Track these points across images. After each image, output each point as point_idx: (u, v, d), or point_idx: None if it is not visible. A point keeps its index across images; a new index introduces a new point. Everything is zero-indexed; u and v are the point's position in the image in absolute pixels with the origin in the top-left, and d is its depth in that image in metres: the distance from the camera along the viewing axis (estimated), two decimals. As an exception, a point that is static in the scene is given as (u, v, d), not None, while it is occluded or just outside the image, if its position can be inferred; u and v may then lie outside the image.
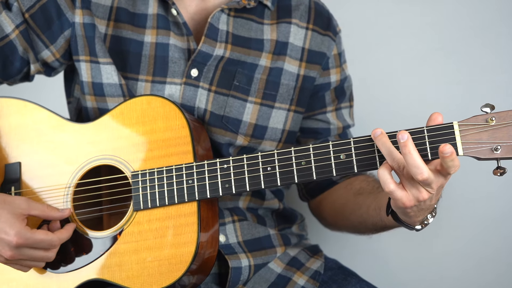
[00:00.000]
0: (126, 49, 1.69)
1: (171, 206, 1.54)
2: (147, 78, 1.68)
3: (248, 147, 1.73)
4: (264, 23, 1.75)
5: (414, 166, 1.33)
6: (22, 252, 1.50)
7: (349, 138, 1.79)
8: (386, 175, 1.37)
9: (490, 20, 2.11)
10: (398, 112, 2.15)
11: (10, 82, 1.76)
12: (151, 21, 1.70)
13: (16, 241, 1.48)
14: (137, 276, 1.53)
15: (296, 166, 1.47)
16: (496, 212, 2.09)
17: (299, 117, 1.79)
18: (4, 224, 1.48)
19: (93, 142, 1.62)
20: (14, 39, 1.69)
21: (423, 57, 2.15)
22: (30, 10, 1.69)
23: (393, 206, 1.44)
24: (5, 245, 1.48)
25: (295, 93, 1.75)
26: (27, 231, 1.49)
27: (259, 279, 1.67)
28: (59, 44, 1.71)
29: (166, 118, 1.57)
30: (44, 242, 1.51)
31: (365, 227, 1.71)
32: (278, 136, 1.75)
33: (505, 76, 2.08)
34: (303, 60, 1.76)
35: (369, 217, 1.65)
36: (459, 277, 2.12)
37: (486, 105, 1.39)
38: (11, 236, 1.47)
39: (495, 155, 1.37)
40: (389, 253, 2.19)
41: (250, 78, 1.71)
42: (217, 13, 1.69)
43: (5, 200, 1.52)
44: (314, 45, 1.78)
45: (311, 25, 1.78)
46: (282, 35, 1.75)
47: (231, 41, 1.71)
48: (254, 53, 1.72)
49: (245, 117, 1.71)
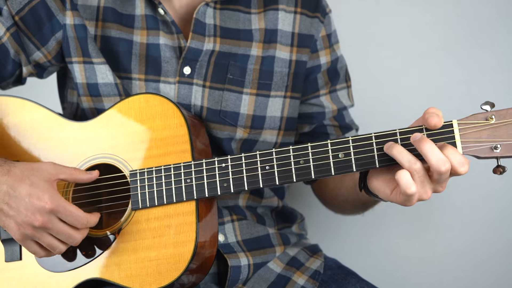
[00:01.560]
0: (116, 49, 1.69)
1: (169, 205, 1.53)
2: (140, 76, 1.68)
3: (249, 139, 1.72)
4: (252, 13, 1.73)
5: (439, 158, 1.33)
6: (52, 220, 1.46)
7: (347, 121, 1.84)
8: (407, 177, 1.35)
9: (490, 20, 2.11)
10: (398, 111, 2.14)
11: (3, 85, 1.76)
12: (140, 21, 1.69)
13: (50, 206, 1.44)
14: (136, 275, 1.52)
15: (295, 165, 1.47)
16: (496, 212, 2.09)
17: (296, 103, 1.77)
18: (36, 189, 1.45)
19: (91, 141, 1.61)
20: (6, 42, 1.68)
21: (423, 57, 2.15)
22: (19, 12, 1.68)
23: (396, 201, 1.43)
24: (37, 211, 1.45)
25: (289, 79, 1.74)
26: (60, 197, 1.46)
27: (258, 279, 1.67)
28: (51, 46, 1.71)
29: (164, 117, 1.57)
30: (74, 216, 1.47)
31: (350, 205, 1.74)
32: (277, 124, 1.75)
33: (505, 76, 2.08)
34: (293, 45, 1.75)
35: (349, 195, 1.69)
36: (459, 277, 2.12)
37: (486, 103, 1.38)
38: (44, 200, 1.44)
39: (495, 154, 1.37)
40: (389, 253, 2.19)
41: (243, 70, 1.71)
42: (202, 8, 1.68)
43: (33, 167, 1.49)
44: (304, 29, 1.76)
45: (299, 8, 1.77)
46: (270, 23, 1.74)
47: (219, 34, 1.70)
48: (244, 43, 1.71)
49: (242, 109, 1.70)
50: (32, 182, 1.46)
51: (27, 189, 1.45)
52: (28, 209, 1.45)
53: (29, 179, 1.46)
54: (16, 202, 1.45)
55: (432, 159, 1.34)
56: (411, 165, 1.35)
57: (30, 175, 1.47)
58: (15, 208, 1.46)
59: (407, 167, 1.36)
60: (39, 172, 1.48)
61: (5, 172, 1.48)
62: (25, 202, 1.45)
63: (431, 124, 1.37)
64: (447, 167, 1.34)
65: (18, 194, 1.45)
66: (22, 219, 1.46)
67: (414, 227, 2.16)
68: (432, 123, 1.37)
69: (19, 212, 1.46)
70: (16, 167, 1.49)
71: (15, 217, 1.46)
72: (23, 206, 1.45)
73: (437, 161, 1.34)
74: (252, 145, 1.74)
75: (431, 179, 1.37)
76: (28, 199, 1.45)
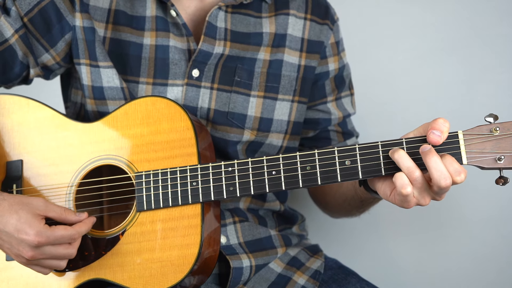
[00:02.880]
0: (126, 52, 1.68)
1: (174, 207, 1.54)
2: (148, 80, 1.67)
3: (256, 141, 1.73)
4: (262, 17, 1.74)
5: (442, 173, 1.35)
6: (43, 251, 1.49)
7: (349, 128, 1.85)
8: (404, 178, 1.38)
9: (490, 20, 2.11)
10: (399, 112, 2.15)
11: (9, 85, 1.74)
12: (150, 23, 1.68)
13: (38, 241, 1.47)
14: (139, 276, 1.53)
15: (301, 171, 1.48)
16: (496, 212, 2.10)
17: (303, 108, 1.79)
18: (23, 224, 1.47)
19: (96, 142, 1.61)
20: (14, 44, 1.66)
21: (423, 57, 2.15)
22: (28, 14, 1.66)
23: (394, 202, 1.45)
24: (26, 245, 1.47)
25: (297, 83, 1.76)
26: (46, 229, 1.48)
27: (259, 278, 1.68)
28: (60, 48, 1.69)
29: (171, 120, 1.56)
30: (65, 238, 1.49)
31: (348, 204, 1.75)
32: (284, 127, 1.76)
33: (505, 76, 2.08)
34: (303, 50, 1.77)
35: (348, 192, 1.70)
36: (459, 277, 2.14)
37: (489, 115, 1.40)
38: (31, 236, 1.46)
39: (499, 165, 1.39)
40: (389, 253, 2.20)
41: (250, 73, 1.71)
42: (215, 11, 1.68)
43: (22, 201, 1.50)
44: (313, 35, 1.78)
45: (309, 15, 1.78)
46: (280, 27, 1.75)
47: (230, 38, 1.71)
48: (253, 47, 1.72)
49: (249, 111, 1.71)
50: (20, 216, 1.48)
51: (15, 225, 1.48)
52: (19, 244, 1.48)
53: (17, 213, 1.48)
54: (7, 236, 1.49)
55: (435, 173, 1.36)
56: (410, 173, 1.38)
57: (19, 209, 1.49)
58: (7, 242, 1.50)
59: (405, 174, 1.38)
60: (28, 207, 1.49)
61: None
62: (15, 237, 1.48)
63: (431, 142, 1.39)
64: (448, 183, 1.36)
65: (7, 230, 1.48)
66: (15, 252, 1.50)
67: (414, 227, 2.17)
68: (432, 141, 1.39)
69: (11, 245, 1.49)
70: (5, 200, 1.50)
71: (10, 250, 1.50)
72: (13, 241, 1.48)
73: (439, 176, 1.36)
74: (258, 147, 1.74)
75: (431, 189, 1.39)
76: (17, 235, 1.48)
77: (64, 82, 1.82)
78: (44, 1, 1.66)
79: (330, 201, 1.86)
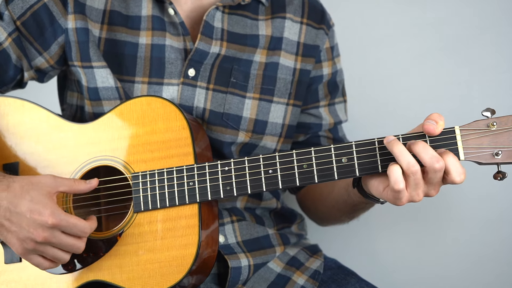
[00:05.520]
0: (121, 52, 1.68)
1: (171, 208, 1.53)
2: (144, 79, 1.67)
3: (250, 143, 1.73)
4: (259, 19, 1.75)
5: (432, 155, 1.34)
6: (55, 234, 1.45)
7: (340, 135, 1.85)
8: (398, 173, 1.36)
9: (490, 20, 2.11)
10: (398, 112, 2.15)
11: (3, 90, 1.74)
12: (146, 22, 1.69)
13: (52, 221, 1.43)
14: (138, 277, 1.53)
15: (298, 169, 1.47)
16: (495, 212, 2.10)
17: (297, 111, 1.79)
18: (36, 204, 1.44)
19: (92, 143, 1.61)
20: (7, 47, 1.67)
21: (423, 57, 2.15)
22: (21, 17, 1.67)
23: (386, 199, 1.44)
24: (39, 226, 1.44)
25: (292, 87, 1.76)
26: (61, 211, 1.45)
27: (258, 278, 1.68)
28: (53, 51, 1.69)
29: (167, 119, 1.56)
30: (77, 227, 1.46)
31: (338, 210, 1.73)
32: (279, 130, 1.75)
33: (505, 76, 2.08)
34: (298, 54, 1.77)
35: (340, 196, 1.68)
36: (459, 277, 2.13)
37: (486, 110, 1.39)
38: (45, 216, 1.44)
39: (496, 160, 1.38)
40: (388, 253, 2.20)
41: (246, 75, 1.72)
42: (212, 11, 1.69)
43: (32, 181, 1.48)
44: (309, 39, 1.79)
45: (305, 19, 1.79)
46: (276, 30, 1.76)
47: (226, 39, 1.71)
48: (249, 49, 1.73)
49: (245, 113, 1.71)
50: (32, 197, 1.45)
51: (27, 205, 1.45)
52: (30, 225, 1.44)
53: (29, 194, 1.46)
54: (17, 218, 1.45)
55: (425, 156, 1.35)
56: (410, 167, 1.36)
57: (30, 189, 1.46)
58: (16, 224, 1.45)
59: (405, 169, 1.37)
60: (38, 186, 1.47)
61: (5, 187, 1.47)
62: (27, 218, 1.44)
63: (426, 131, 1.38)
64: (440, 164, 1.35)
65: (19, 210, 1.45)
66: (25, 235, 1.45)
67: (414, 227, 2.16)
68: (427, 129, 1.38)
69: (21, 228, 1.45)
70: (15, 182, 1.48)
71: (17, 233, 1.46)
72: (24, 222, 1.45)
73: (431, 158, 1.35)
74: (252, 150, 1.74)
75: (425, 179, 1.38)
76: (30, 215, 1.44)
77: (60, 84, 1.83)
78: (37, 4, 1.67)
79: (320, 208, 1.84)
